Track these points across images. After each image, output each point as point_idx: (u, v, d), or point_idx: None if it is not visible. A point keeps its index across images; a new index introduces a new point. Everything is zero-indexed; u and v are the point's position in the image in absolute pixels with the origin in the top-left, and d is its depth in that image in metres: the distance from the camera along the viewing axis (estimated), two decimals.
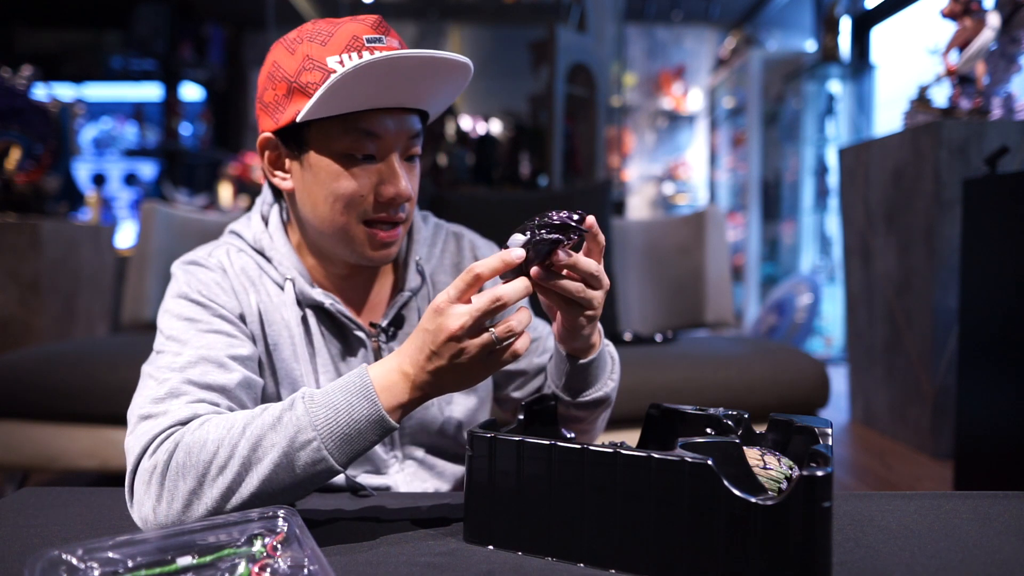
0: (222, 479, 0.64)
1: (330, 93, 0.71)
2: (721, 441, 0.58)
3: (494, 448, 0.63)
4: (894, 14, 4.39)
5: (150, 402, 0.71)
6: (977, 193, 1.86)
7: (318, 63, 0.74)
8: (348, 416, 0.64)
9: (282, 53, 0.78)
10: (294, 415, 0.65)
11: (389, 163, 0.79)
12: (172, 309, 0.80)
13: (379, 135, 0.77)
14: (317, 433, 0.64)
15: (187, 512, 0.64)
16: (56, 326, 2.52)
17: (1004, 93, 2.35)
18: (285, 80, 0.76)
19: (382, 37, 0.76)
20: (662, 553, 0.56)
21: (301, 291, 0.84)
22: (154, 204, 2.26)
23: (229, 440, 0.65)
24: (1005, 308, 1.73)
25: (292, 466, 0.64)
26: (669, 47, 6.47)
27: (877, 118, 4.53)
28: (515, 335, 0.64)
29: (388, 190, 0.79)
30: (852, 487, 2.16)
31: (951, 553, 0.61)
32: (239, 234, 0.89)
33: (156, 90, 5.75)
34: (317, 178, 0.79)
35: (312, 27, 0.77)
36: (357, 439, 0.65)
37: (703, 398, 1.70)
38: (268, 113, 0.79)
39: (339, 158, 0.77)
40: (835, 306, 4.53)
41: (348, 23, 0.76)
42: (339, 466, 0.65)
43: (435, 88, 0.78)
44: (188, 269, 0.85)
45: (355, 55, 0.74)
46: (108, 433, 1.70)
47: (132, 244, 2.79)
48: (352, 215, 0.79)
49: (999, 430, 1.76)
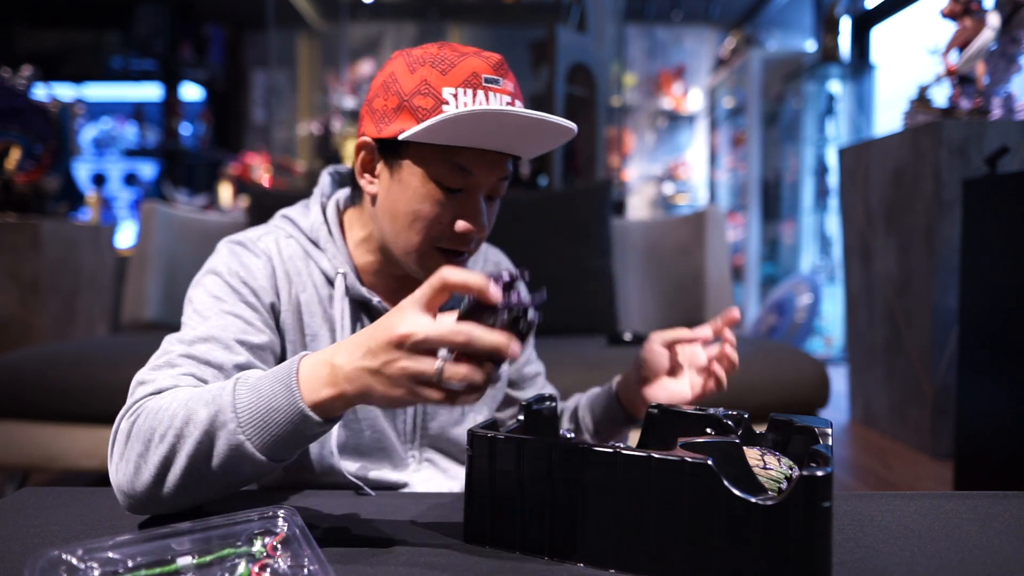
0: (160, 449, 0.64)
1: (438, 127, 0.72)
2: (721, 441, 0.58)
3: (494, 448, 0.63)
4: (894, 14, 4.39)
5: (148, 368, 0.73)
6: (977, 193, 1.86)
7: (434, 90, 0.75)
8: (268, 403, 0.62)
9: (402, 68, 0.79)
10: (223, 394, 0.63)
11: (473, 199, 0.80)
12: (205, 284, 0.82)
13: (472, 172, 0.78)
14: (235, 415, 0.62)
15: (137, 477, 0.64)
16: (56, 326, 2.52)
17: (1004, 93, 2.35)
18: (398, 95, 0.78)
19: (499, 79, 0.77)
20: (662, 553, 0.56)
21: (352, 286, 0.86)
22: (154, 204, 2.26)
23: (173, 411, 0.64)
24: (1005, 308, 1.73)
25: (212, 446, 0.62)
26: (669, 47, 6.47)
27: (877, 118, 4.53)
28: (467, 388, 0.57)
29: (465, 224, 0.80)
30: (852, 487, 2.16)
31: (951, 553, 0.61)
32: (293, 221, 0.90)
33: (156, 90, 5.75)
34: (403, 194, 0.80)
35: (437, 52, 0.78)
36: (276, 428, 0.62)
37: (703, 398, 1.69)
38: (373, 119, 0.81)
39: (429, 183, 0.78)
40: (835, 306, 4.53)
41: (471, 57, 0.77)
42: (260, 455, 0.62)
43: (536, 142, 0.79)
44: (233, 249, 0.85)
45: (470, 92, 0.75)
46: (108, 433, 1.69)
47: (132, 244, 2.79)
48: (426, 237, 0.81)
49: (999, 430, 1.76)
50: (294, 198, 1.00)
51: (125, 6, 5.20)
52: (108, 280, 2.89)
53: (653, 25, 6.43)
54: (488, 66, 0.76)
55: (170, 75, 5.52)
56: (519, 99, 0.79)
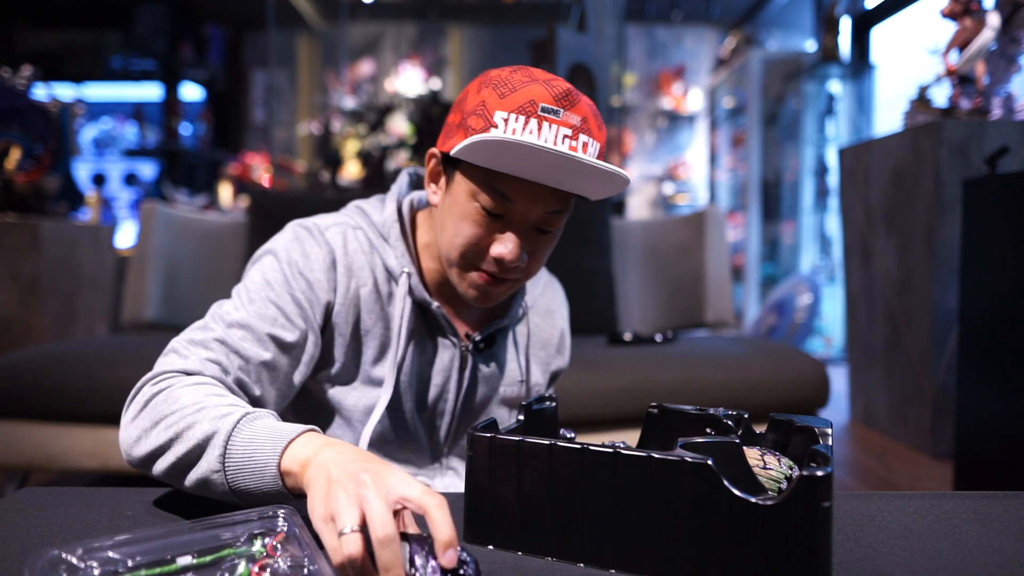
0: (161, 436, 0.67)
1: (480, 145, 0.72)
2: (721, 441, 0.58)
3: (493, 448, 0.63)
4: (894, 14, 4.39)
5: (186, 341, 0.77)
6: (977, 193, 1.86)
7: (487, 113, 0.75)
8: (254, 450, 0.63)
9: (475, 86, 0.79)
10: (226, 421, 0.65)
11: (514, 227, 0.80)
12: (262, 263, 0.84)
13: (512, 201, 0.78)
14: (224, 446, 0.63)
15: (136, 445, 0.68)
16: (56, 326, 2.52)
17: (1004, 93, 2.35)
18: (461, 113, 0.79)
19: (559, 110, 0.74)
20: (662, 553, 0.56)
21: (415, 287, 0.87)
22: (154, 204, 2.26)
23: (185, 410, 0.67)
24: (1005, 308, 1.73)
25: (196, 461, 0.65)
26: (669, 47, 6.47)
27: (877, 118, 4.53)
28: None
29: (499, 251, 0.80)
30: (852, 487, 2.16)
31: (951, 553, 0.61)
32: (366, 213, 0.90)
33: (156, 90, 5.75)
34: (452, 209, 0.81)
35: (509, 75, 0.77)
36: (250, 478, 0.63)
37: (703, 398, 1.70)
38: (445, 132, 0.82)
39: (472, 202, 0.79)
40: (835, 306, 4.53)
41: (537, 85, 0.75)
42: (232, 491, 0.64)
43: (585, 183, 0.76)
44: (299, 234, 0.86)
45: (522, 119, 0.74)
46: (108, 433, 1.70)
47: (132, 244, 2.79)
48: (463, 254, 0.82)
49: (999, 430, 1.76)
50: (294, 198, 1.01)
51: (125, 6, 5.20)
52: (108, 280, 2.89)
53: (653, 25, 6.43)
54: (550, 95, 0.74)
55: (170, 75, 5.52)
56: (588, 135, 0.76)
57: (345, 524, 0.50)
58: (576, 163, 0.71)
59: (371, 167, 3.92)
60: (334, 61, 6.06)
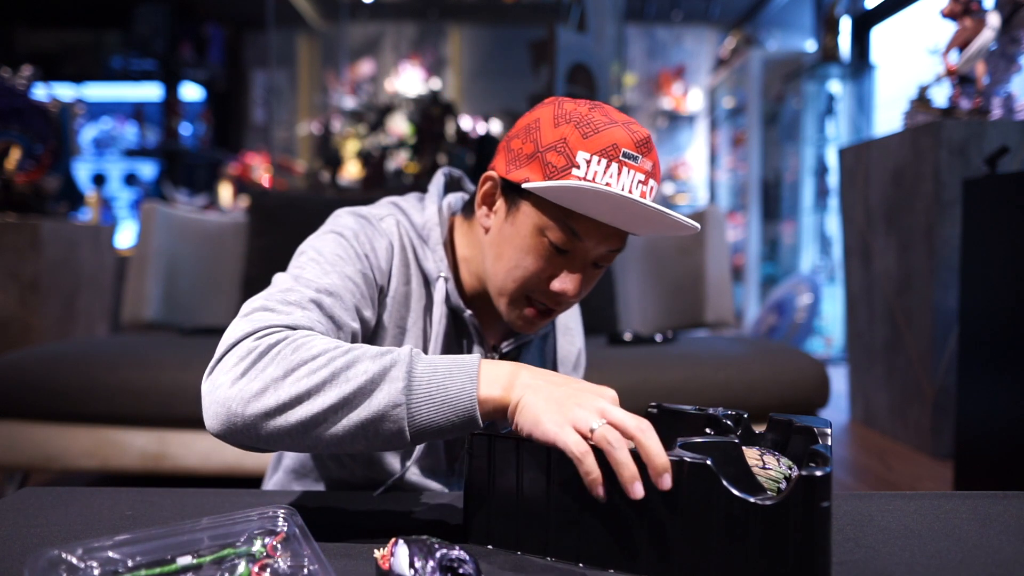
0: (303, 382, 0.61)
1: (559, 190, 0.72)
2: (720, 441, 0.58)
3: (493, 448, 0.63)
4: (894, 14, 4.39)
5: (277, 300, 0.71)
6: (977, 193, 1.86)
7: (570, 151, 0.75)
8: (443, 379, 0.61)
9: (548, 117, 0.78)
10: (399, 355, 0.63)
11: (576, 264, 0.80)
12: (327, 240, 0.81)
13: (582, 239, 0.78)
14: (408, 377, 0.61)
15: (257, 399, 0.62)
16: (56, 326, 2.52)
17: (1004, 93, 2.35)
18: (535, 143, 0.78)
19: (639, 156, 0.75)
20: (660, 553, 0.56)
21: (451, 292, 0.87)
22: (154, 204, 2.26)
23: (332, 353, 0.63)
24: (1005, 308, 1.73)
25: (367, 397, 0.61)
26: (669, 47, 6.47)
27: (877, 118, 4.53)
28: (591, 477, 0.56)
29: (561, 286, 0.80)
30: (852, 487, 2.16)
31: (951, 553, 0.61)
32: (406, 213, 0.89)
33: (156, 90, 5.75)
34: (512, 239, 0.80)
35: (587, 112, 0.76)
36: (439, 407, 0.61)
37: (703, 398, 1.70)
38: (507, 158, 0.81)
39: (539, 236, 0.78)
40: (835, 306, 4.53)
41: (618, 128, 0.75)
42: (408, 428, 0.61)
43: (654, 229, 0.78)
44: (359, 220, 0.85)
45: (604, 162, 0.74)
46: (108, 433, 1.70)
47: (132, 244, 2.79)
48: (521, 285, 0.81)
49: (999, 430, 1.76)
50: (294, 198, 1.00)
51: (125, 6, 5.20)
52: (108, 280, 2.89)
53: (653, 25, 6.43)
54: (631, 141, 0.75)
55: (170, 75, 5.52)
56: (654, 179, 0.78)
57: (592, 422, 0.56)
58: (656, 213, 0.72)
59: (371, 167, 3.93)
60: (334, 61, 6.06)
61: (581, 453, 0.55)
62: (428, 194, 0.92)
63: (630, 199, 0.70)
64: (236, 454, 1.70)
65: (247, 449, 0.65)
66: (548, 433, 0.57)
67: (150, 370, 1.69)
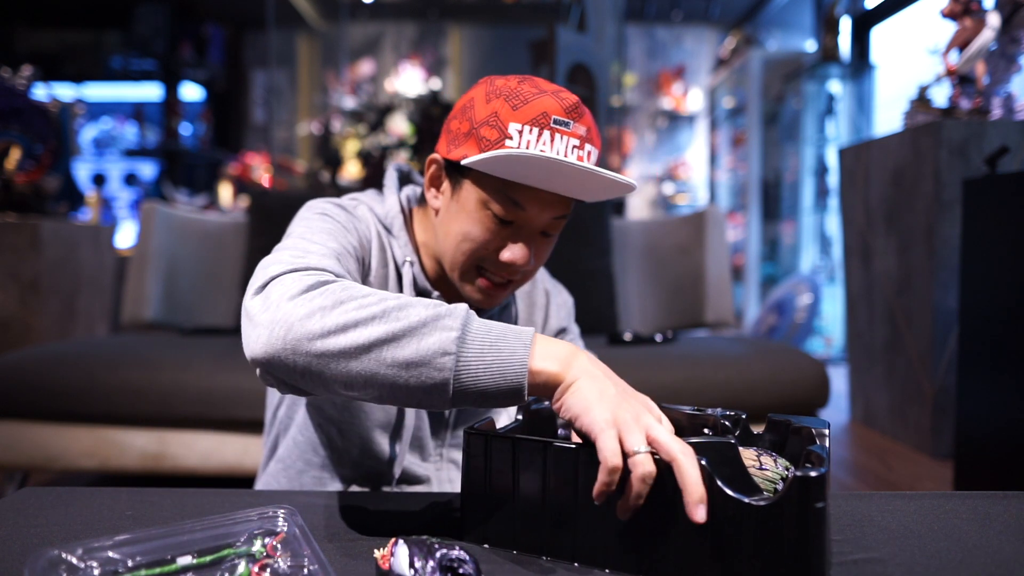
0: (352, 314, 0.60)
1: (494, 161, 0.74)
2: (716, 441, 0.58)
3: (489, 447, 0.63)
4: (894, 14, 4.39)
5: (299, 256, 0.70)
6: (977, 193, 1.86)
7: (501, 124, 0.77)
8: (495, 340, 0.60)
9: (481, 95, 0.80)
10: (455, 307, 0.62)
11: (523, 233, 0.82)
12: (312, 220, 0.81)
13: (525, 208, 0.80)
14: (463, 329, 0.60)
15: (303, 323, 0.60)
16: (56, 326, 2.52)
17: (1004, 93, 2.35)
18: (470, 122, 0.80)
19: (570, 122, 0.77)
20: (656, 553, 0.56)
21: (418, 276, 0.89)
22: (154, 204, 2.26)
23: (382, 295, 0.63)
24: (1005, 308, 1.73)
25: (416, 339, 0.59)
26: (669, 47, 6.47)
27: (877, 118, 4.52)
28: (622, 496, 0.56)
29: (510, 255, 0.82)
30: (852, 487, 2.16)
31: (951, 553, 0.61)
32: (367, 204, 0.91)
33: (156, 90, 5.75)
34: (458, 214, 0.83)
35: (516, 85, 0.79)
36: (489, 368, 0.59)
37: (703, 398, 1.70)
38: (447, 139, 0.84)
39: (483, 209, 0.81)
40: (835, 306, 4.53)
41: (547, 96, 0.77)
42: (452, 381, 0.58)
43: (594, 191, 0.80)
44: (336, 206, 0.87)
45: (536, 131, 0.76)
46: (108, 433, 1.70)
47: (132, 244, 2.79)
48: (470, 258, 0.84)
49: (999, 430, 1.76)
50: (294, 198, 1.01)
51: (125, 6, 5.20)
52: (108, 280, 2.89)
53: (653, 25, 6.43)
54: (561, 107, 0.77)
55: (170, 75, 5.52)
56: (591, 143, 0.79)
57: (637, 445, 0.55)
58: (590, 175, 0.73)
59: (371, 167, 3.93)
60: (334, 61, 6.06)
61: (612, 466, 0.54)
62: (386, 187, 0.95)
63: (558, 160, 0.72)
64: (236, 454, 1.70)
65: (279, 384, 0.64)
66: (593, 426, 0.56)
67: (150, 370, 1.69)
